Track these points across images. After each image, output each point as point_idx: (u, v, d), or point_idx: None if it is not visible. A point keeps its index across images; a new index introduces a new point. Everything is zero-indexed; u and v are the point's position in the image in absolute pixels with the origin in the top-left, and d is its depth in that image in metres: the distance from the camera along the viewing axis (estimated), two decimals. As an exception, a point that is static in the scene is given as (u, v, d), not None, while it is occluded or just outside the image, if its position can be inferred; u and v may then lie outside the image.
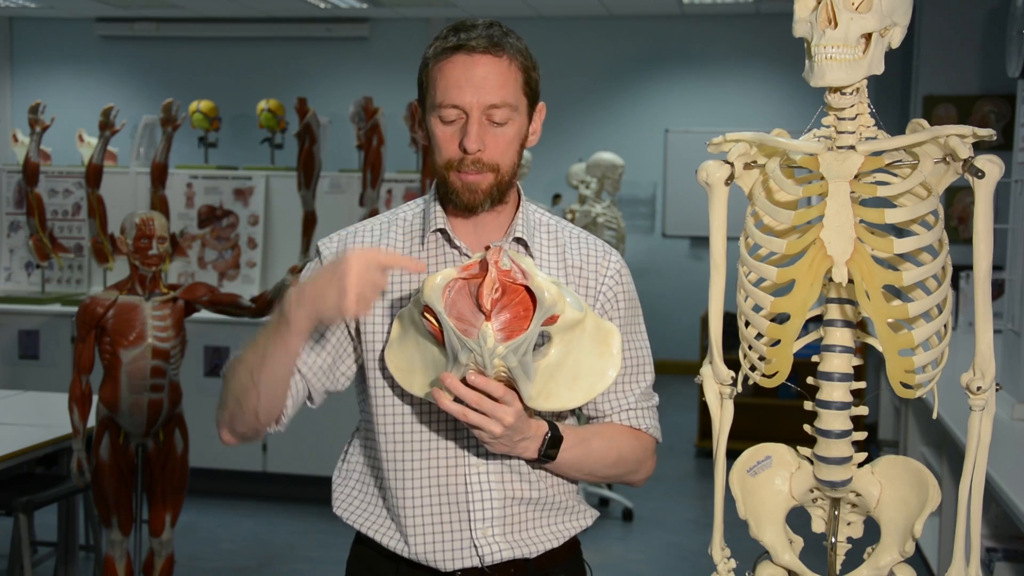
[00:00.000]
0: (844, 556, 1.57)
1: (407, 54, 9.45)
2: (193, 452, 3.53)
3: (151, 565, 3.48)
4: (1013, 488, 2.75)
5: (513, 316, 1.39)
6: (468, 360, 1.41)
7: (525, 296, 1.40)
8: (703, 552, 1.65)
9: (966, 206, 6.55)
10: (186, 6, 9.13)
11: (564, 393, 1.49)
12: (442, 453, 1.65)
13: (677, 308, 8.49)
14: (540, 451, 1.57)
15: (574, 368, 1.49)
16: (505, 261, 1.40)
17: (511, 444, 1.52)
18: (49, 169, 6.22)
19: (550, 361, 1.46)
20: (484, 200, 1.61)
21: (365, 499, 1.74)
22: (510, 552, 1.66)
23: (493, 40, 1.58)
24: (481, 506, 1.65)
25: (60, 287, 6.13)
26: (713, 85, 9.24)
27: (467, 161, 1.58)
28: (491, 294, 1.38)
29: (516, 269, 1.40)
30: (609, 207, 6.05)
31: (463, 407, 1.44)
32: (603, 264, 1.72)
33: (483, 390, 1.43)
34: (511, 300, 1.40)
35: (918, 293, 1.43)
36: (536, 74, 1.64)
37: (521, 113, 1.62)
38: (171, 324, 3.35)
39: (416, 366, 1.52)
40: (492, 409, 1.44)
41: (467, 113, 1.57)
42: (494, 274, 1.39)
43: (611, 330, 1.52)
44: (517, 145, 1.63)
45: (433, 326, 1.42)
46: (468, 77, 1.56)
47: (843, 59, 1.35)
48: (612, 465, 1.70)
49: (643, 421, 1.73)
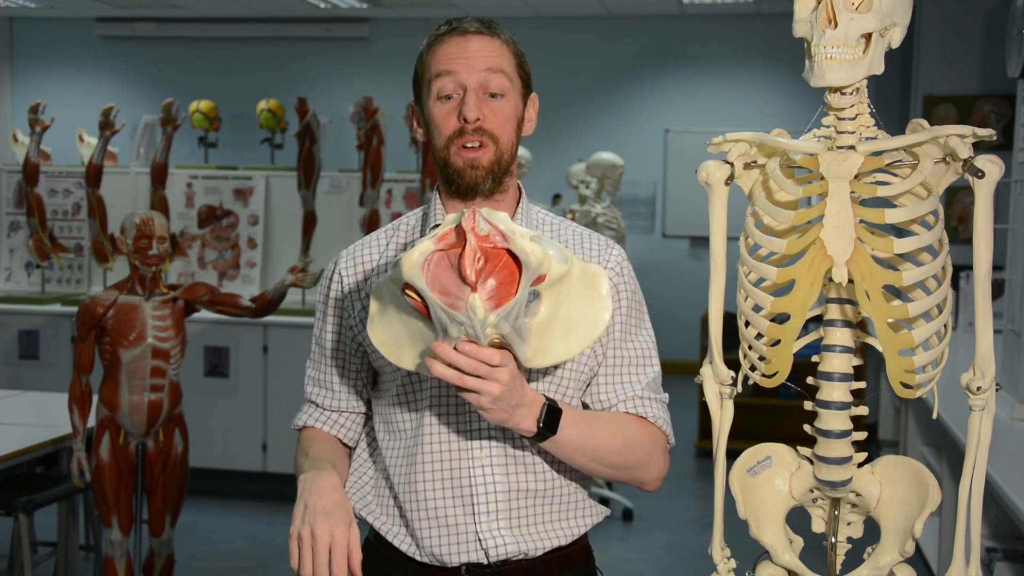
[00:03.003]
0: (844, 556, 1.57)
1: (407, 54, 9.38)
2: (193, 452, 3.53)
3: (151, 565, 3.48)
4: (1013, 488, 2.75)
5: (499, 282, 1.33)
6: (459, 332, 1.36)
7: (509, 259, 1.33)
8: (703, 552, 1.64)
9: (966, 206, 6.55)
10: (186, 6, 9.13)
11: (559, 346, 1.44)
12: (445, 447, 1.65)
13: (677, 308, 8.49)
14: (538, 422, 1.53)
15: (566, 319, 1.44)
16: (482, 226, 1.33)
17: (509, 410, 1.47)
18: (49, 169, 6.22)
19: (541, 318, 1.42)
20: (485, 177, 1.62)
21: (371, 493, 1.74)
22: (515, 547, 1.65)
23: (485, 23, 1.64)
24: (485, 499, 1.64)
25: (60, 287, 6.13)
26: (713, 85, 9.24)
27: (468, 130, 1.60)
28: (474, 264, 1.32)
29: (495, 232, 1.33)
30: (609, 207, 6.05)
31: (459, 372, 1.40)
32: (604, 257, 1.72)
33: (478, 359, 1.39)
34: (495, 266, 1.33)
35: (918, 293, 1.43)
36: (527, 64, 1.68)
37: (516, 92, 1.65)
38: (171, 324, 3.35)
39: (403, 341, 1.47)
40: (489, 371, 1.40)
41: (464, 87, 1.61)
42: (474, 242, 1.32)
43: (597, 272, 1.46)
44: (514, 123, 1.65)
45: (417, 302, 1.36)
46: (462, 49, 1.62)
47: (843, 59, 1.35)
48: (619, 451, 1.65)
49: (649, 410, 1.70)
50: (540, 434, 1.55)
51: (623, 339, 1.71)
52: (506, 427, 1.53)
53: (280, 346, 5.36)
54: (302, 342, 5.37)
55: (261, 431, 5.37)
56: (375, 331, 1.49)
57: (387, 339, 1.49)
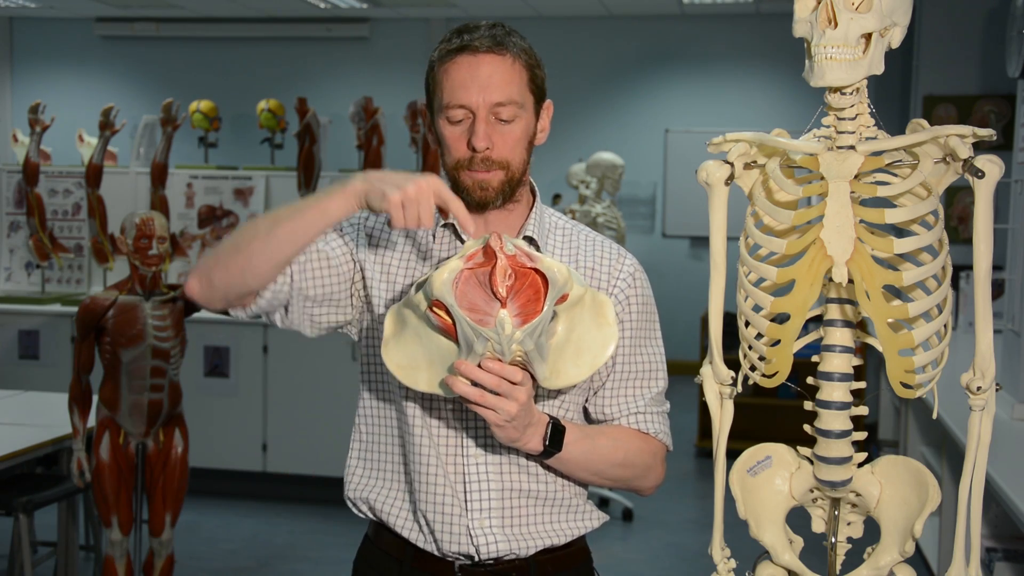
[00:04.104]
0: (844, 556, 1.57)
1: (407, 54, 9.45)
2: (193, 452, 3.53)
3: (151, 565, 3.48)
4: (1013, 488, 2.75)
5: (526, 300, 1.40)
6: (484, 348, 1.41)
7: (535, 278, 1.40)
8: (703, 552, 1.64)
9: (966, 206, 6.55)
10: (186, 6, 9.13)
11: (571, 369, 1.49)
12: (441, 448, 1.66)
13: (677, 308, 8.48)
14: (544, 440, 1.56)
15: (577, 343, 1.49)
16: (509, 246, 1.41)
17: (521, 429, 1.51)
18: (49, 169, 6.22)
19: (558, 339, 1.47)
20: (495, 197, 1.62)
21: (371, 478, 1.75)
22: (506, 545, 1.65)
23: (496, 39, 1.60)
24: (479, 496, 1.65)
25: (60, 287, 6.13)
26: (713, 85, 9.24)
27: (476, 160, 1.60)
28: (504, 281, 1.39)
29: (521, 253, 1.41)
30: (609, 207, 6.05)
31: (481, 390, 1.44)
32: (616, 266, 1.72)
33: (501, 376, 1.43)
34: (522, 284, 1.40)
35: (918, 293, 1.43)
36: (541, 72, 1.66)
37: (528, 110, 1.63)
38: (171, 324, 3.35)
39: (419, 362, 1.51)
40: (509, 389, 1.44)
41: (474, 113, 1.59)
42: (504, 261, 1.39)
43: (604, 301, 1.52)
44: (525, 142, 1.64)
45: (443, 320, 1.41)
46: (473, 76, 1.58)
47: (843, 59, 1.35)
48: (620, 465, 1.69)
49: (652, 425, 1.72)
50: (546, 451, 1.58)
51: (633, 350, 1.71)
52: (515, 446, 1.56)
53: (280, 346, 5.36)
54: (302, 342, 5.37)
55: (261, 431, 5.37)
56: (391, 354, 1.52)
57: (403, 361, 1.52)
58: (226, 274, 1.57)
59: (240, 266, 1.56)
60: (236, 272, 1.56)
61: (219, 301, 1.61)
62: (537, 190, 1.75)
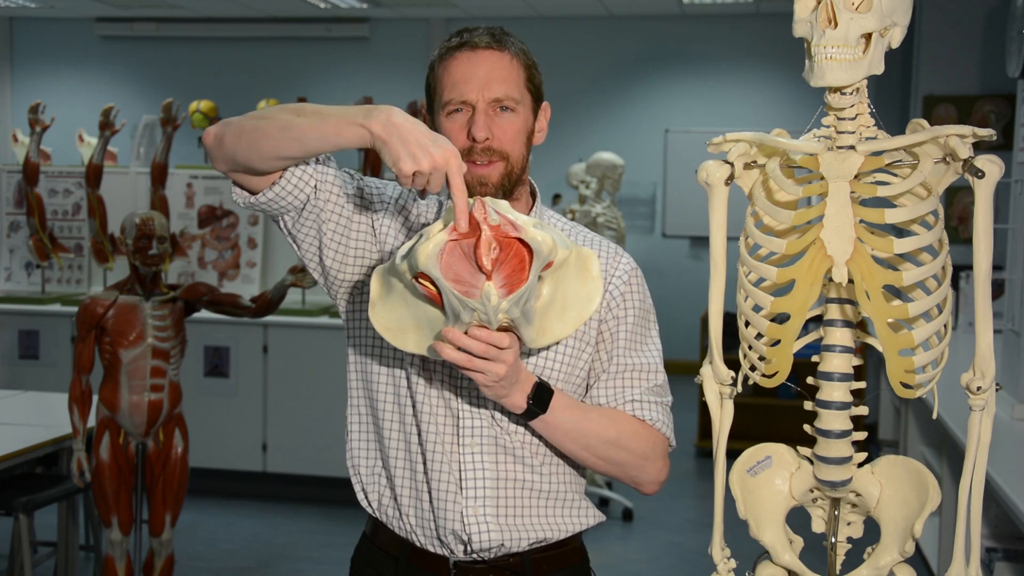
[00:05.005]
0: (844, 556, 1.57)
1: (407, 54, 9.45)
2: (193, 452, 3.54)
3: (151, 565, 3.48)
4: (1013, 488, 2.75)
5: (511, 269, 1.40)
6: (471, 318, 1.41)
7: (519, 247, 1.40)
8: (703, 552, 1.64)
9: (966, 206, 6.55)
10: (186, 6, 9.13)
11: (556, 325, 1.50)
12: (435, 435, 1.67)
13: (677, 308, 8.49)
14: (528, 399, 1.57)
15: (563, 300, 1.49)
16: (493, 216, 1.40)
17: (508, 387, 1.53)
18: (49, 169, 6.22)
19: (544, 301, 1.47)
20: (495, 193, 1.63)
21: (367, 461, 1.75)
22: (499, 535, 1.66)
23: (495, 37, 1.64)
24: (474, 483, 1.66)
25: (60, 287, 6.13)
26: (713, 85, 9.24)
27: (476, 150, 1.62)
28: (489, 254, 1.38)
29: (505, 222, 1.40)
30: (609, 207, 6.04)
31: (468, 355, 1.45)
32: (612, 264, 1.74)
33: (488, 343, 1.44)
34: (507, 255, 1.40)
35: (918, 293, 1.43)
36: (538, 74, 1.69)
37: (525, 107, 1.66)
38: (171, 324, 3.35)
39: (407, 325, 1.51)
40: (496, 354, 1.45)
41: (473, 107, 1.62)
42: (488, 233, 1.39)
43: (589, 255, 1.51)
44: (524, 136, 1.66)
45: (430, 290, 1.41)
46: (472, 71, 1.62)
47: (843, 59, 1.35)
48: (612, 444, 1.67)
49: (649, 413, 1.70)
50: (530, 411, 1.58)
51: (628, 349, 1.72)
52: (500, 403, 1.57)
53: (280, 346, 5.36)
54: (302, 342, 5.38)
55: (261, 431, 5.38)
56: (378, 316, 1.52)
57: (390, 324, 1.51)
58: (236, 141, 1.57)
59: (249, 140, 1.55)
60: (244, 145, 1.56)
61: (223, 162, 1.61)
62: (537, 191, 1.76)
